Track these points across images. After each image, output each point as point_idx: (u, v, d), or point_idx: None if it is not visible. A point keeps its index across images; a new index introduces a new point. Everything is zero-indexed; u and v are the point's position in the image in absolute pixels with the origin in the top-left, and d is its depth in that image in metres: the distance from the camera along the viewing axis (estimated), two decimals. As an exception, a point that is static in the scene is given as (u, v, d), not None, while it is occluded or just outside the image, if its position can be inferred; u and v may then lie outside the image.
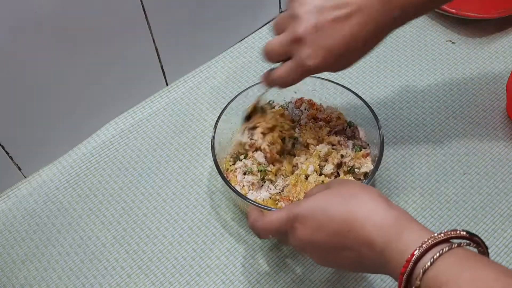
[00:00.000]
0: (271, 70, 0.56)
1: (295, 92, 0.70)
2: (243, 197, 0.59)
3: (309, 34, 0.51)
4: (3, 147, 0.66)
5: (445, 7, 0.83)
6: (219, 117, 0.65)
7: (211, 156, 0.62)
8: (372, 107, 0.64)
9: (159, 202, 0.69)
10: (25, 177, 0.72)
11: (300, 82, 0.56)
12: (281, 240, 0.53)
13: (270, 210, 0.57)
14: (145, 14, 0.69)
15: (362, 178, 0.63)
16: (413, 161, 0.71)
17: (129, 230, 0.67)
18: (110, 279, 0.63)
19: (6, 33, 0.58)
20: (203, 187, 0.70)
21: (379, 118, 0.64)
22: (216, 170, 0.61)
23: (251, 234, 0.65)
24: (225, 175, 0.61)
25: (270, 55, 0.55)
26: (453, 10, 0.83)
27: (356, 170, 0.63)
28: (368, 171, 0.62)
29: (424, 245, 0.40)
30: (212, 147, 0.62)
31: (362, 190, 0.47)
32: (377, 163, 0.60)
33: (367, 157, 0.64)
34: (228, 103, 0.66)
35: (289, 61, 0.53)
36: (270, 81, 0.57)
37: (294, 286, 0.61)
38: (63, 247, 0.66)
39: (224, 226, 0.66)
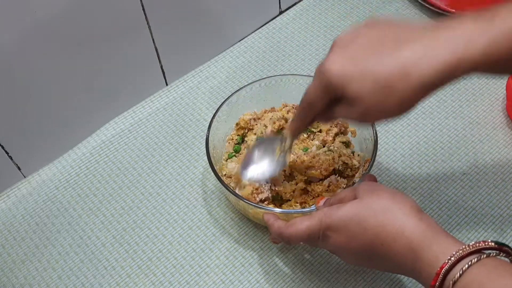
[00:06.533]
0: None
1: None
2: (240, 196, 0.59)
3: None
4: (3, 147, 0.66)
5: (445, 7, 0.83)
6: (212, 120, 0.65)
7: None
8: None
9: (159, 202, 0.69)
10: (25, 177, 0.72)
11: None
12: (310, 244, 0.53)
13: (273, 212, 0.57)
14: (145, 14, 0.69)
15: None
16: (413, 161, 0.71)
17: (129, 230, 0.67)
18: (110, 279, 0.63)
19: (7, 33, 0.58)
20: (203, 186, 0.70)
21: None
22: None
23: (251, 234, 0.65)
24: (220, 175, 0.61)
25: None
26: (453, 10, 0.83)
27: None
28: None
29: (452, 258, 0.41)
30: (207, 150, 0.62)
31: (393, 203, 0.47)
32: (371, 162, 0.60)
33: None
34: (222, 103, 0.66)
35: None
36: None
37: (294, 285, 0.61)
38: (63, 247, 0.66)
39: (224, 226, 0.66)
